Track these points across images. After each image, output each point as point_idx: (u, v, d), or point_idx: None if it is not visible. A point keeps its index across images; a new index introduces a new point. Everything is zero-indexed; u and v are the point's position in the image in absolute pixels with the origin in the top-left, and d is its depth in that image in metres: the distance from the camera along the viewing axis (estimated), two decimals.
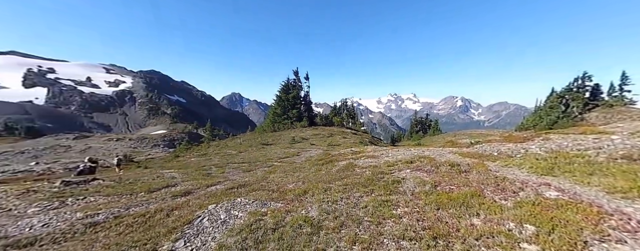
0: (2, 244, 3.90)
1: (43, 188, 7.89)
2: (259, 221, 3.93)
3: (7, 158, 32.97)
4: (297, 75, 35.17)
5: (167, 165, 16.34)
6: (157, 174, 10.12)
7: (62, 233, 4.15)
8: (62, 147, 42.07)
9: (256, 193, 5.64)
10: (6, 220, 5.20)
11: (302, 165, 9.67)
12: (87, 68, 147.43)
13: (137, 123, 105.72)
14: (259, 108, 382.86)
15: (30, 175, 23.51)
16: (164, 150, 44.60)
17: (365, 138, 26.39)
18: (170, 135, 59.34)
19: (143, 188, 7.08)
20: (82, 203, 5.98)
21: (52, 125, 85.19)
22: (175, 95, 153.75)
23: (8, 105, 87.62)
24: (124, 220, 4.61)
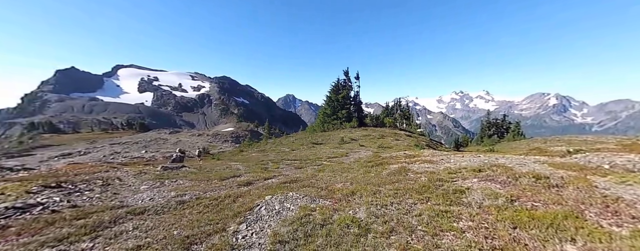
0: (125, 210, 5.28)
1: (150, 171, 10.31)
2: (308, 215, 4.13)
3: (128, 147, 44.43)
4: (347, 75, 35.13)
5: (234, 158, 18.83)
6: (227, 165, 11.82)
7: (161, 207, 5.33)
8: (162, 139, 53.82)
9: (306, 190, 5.92)
10: (127, 193, 7.02)
11: (351, 165, 9.61)
12: (178, 76, 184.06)
13: (212, 122, 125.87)
14: (310, 109, 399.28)
15: (141, 160, 31.01)
16: (232, 145, 51.66)
17: (422, 141, 24.19)
18: (236, 133, 68.37)
19: (216, 176, 8.40)
20: (174, 184, 7.54)
21: (155, 122, 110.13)
22: (241, 98, 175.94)
23: (128, 106, 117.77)
24: (202, 202, 5.58)
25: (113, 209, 5.23)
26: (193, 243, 3.68)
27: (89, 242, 3.82)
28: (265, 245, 3.38)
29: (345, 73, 34.98)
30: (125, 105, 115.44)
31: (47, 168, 14.07)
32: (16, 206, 5.29)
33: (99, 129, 73.93)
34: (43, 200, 5.76)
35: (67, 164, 14.38)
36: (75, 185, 7.09)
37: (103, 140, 50.25)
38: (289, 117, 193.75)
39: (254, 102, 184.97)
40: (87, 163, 15.74)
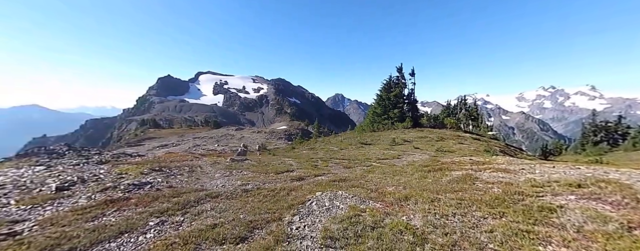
0: (204, 193, 6.36)
1: (222, 161, 12.11)
2: (358, 216, 4.10)
3: (205, 141, 53.31)
4: (400, 71, 32.91)
5: (287, 154, 20.25)
6: (281, 161, 12.82)
7: (230, 193, 6.21)
8: (229, 135, 62.30)
9: (355, 190, 5.89)
10: (206, 179, 8.42)
11: (404, 169, 9.02)
12: (243, 79, 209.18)
13: (269, 120, 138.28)
14: (359, 108, 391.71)
15: (214, 152, 36.72)
16: (285, 142, 55.66)
17: (494, 146, 20.62)
18: (289, 131, 73.24)
19: (273, 170, 9.23)
20: (240, 175, 8.67)
21: (225, 120, 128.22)
22: (293, 98, 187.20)
23: (206, 106, 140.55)
24: (262, 192, 6.24)
25: (196, 191, 6.40)
26: (255, 227, 4.17)
27: (180, 216, 4.80)
28: (316, 239, 3.54)
29: (399, 70, 32.85)
30: (204, 106, 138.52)
31: (152, 155, 18.32)
32: (134, 183, 7.08)
33: (186, 126, 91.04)
34: (150, 180, 7.53)
35: (165, 153, 18.28)
36: (171, 170, 8.98)
37: (188, 134, 61.58)
38: (337, 116, 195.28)
39: (305, 101, 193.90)
40: (177, 153, 19.66)
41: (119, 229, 4.14)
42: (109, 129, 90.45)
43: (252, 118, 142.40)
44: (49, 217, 4.80)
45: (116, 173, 8.05)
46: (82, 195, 6.05)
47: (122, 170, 8.46)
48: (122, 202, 5.44)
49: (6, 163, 10.33)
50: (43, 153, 10.92)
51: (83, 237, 3.88)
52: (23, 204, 5.53)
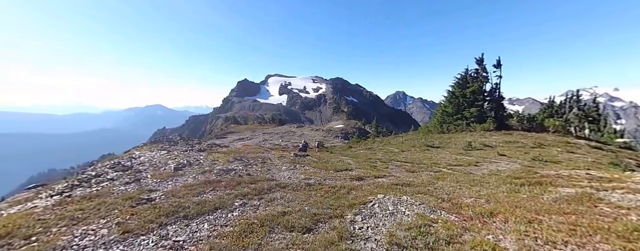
0: (275, 183, 7.15)
1: (287, 156, 13.31)
2: (428, 226, 3.77)
3: (271, 136, 59.75)
4: (480, 63, 27.84)
5: (344, 153, 20.43)
6: (339, 159, 13.06)
7: (296, 185, 6.77)
8: (291, 132, 67.62)
9: (422, 197, 5.41)
10: (275, 170, 9.43)
11: (485, 178, 7.66)
12: (304, 80, 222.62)
13: (326, 118, 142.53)
14: (424, 107, 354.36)
15: (279, 146, 40.70)
16: (341, 141, 56.23)
17: (627, 157, 14.96)
18: (345, 129, 73.58)
19: (332, 168, 9.52)
20: (302, 169, 9.34)
21: (288, 118, 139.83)
22: (350, 96, 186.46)
23: (272, 106, 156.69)
24: (323, 187, 6.54)
25: (268, 181, 7.28)
26: (319, 220, 4.43)
27: (257, 200, 5.57)
28: (381, 243, 3.46)
29: (478, 61, 27.88)
30: (271, 105, 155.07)
31: (234, 147, 21.93)
32: (223, 169, 8.62)
33: (257, 122, 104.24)
34: (234, 167, 9.01)
35: (242, 145, 21.46)
36: (248, 160, 10.50)
37: (258, 130, 70.24)
38: (397, 115, 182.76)
39: (362, 100, 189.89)
40: (251, 145, 22.77)
41: (214, 205, 5.16)
42: (204, 124, 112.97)
43: (311, 117, 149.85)
44: (170, 190, 6.44)
45: (211, 160, 10.02)
46: (189, 175, 7.83)
47: (214, 158, 10.46)
48: (216, 184, 6.74)
49: (144, 147, 14.39)
50: (165, 141, 14.66)
51: (192, 208, 5.03)
52: (154, 178, 7.60)
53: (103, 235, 3.93)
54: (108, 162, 9.45)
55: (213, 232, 4.12)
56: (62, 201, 5.65)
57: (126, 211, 4.87)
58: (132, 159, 9.68)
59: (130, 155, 10.58)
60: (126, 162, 9.19)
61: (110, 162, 9.34)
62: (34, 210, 5.41)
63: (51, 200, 5.89)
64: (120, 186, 6.66)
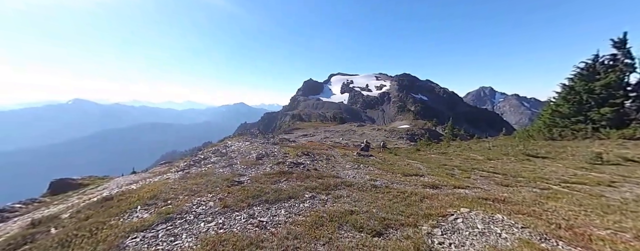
0: (340, 181, 7.27)
1: (349, 154, 13.34)
2: None
3: (332, 134, 61.22)
4: (622, 46, 19.87)
5: (411, 156, 18.77)
6: (406, 162, 12.09)
7: (361, 185, 6.69)
8: (352, 131, 67.35)
9: (526, 219, 4.34)
10: (339, 168, 9.60)
11: (629, 206, 5.46)
12: (366, 78, 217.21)
13: (389, 118, 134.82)
14: (521, 105, 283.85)
15: (339, 144, 41.28)
16: (406, 143, 51.94)
17: None
18: (412, 130, 67.47)
19: (399, 171, 8.91)
20: (366, 170, 9.14)
21: (348, 116, 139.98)
22: (419, 94, 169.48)
23: (334, 104, 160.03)
24: (391, 191, 6.20)
25: (334, 178, 7.49)
26: (389, 226, 4.21)
27: (325, 196, 5.81)
28: None
29: (618, 44, 20.00)
30: (332, 103, 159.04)
31: (301, 142, 23.75)
32: (294, 162, 9.42)
33: (319, 120, 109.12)
34: (302, 161, 9.71)
35: (308, 141, 22.90)
36: (314, 156, 11.11)
37: (320, 127, 73.25)
38: (481, 115, 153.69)
39: (434, 98, 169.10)
40: (315, 142, 24.01)
41: (288, 194, 5.70)
42: (275, 120, 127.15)
43: (373, 116, 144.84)
44: (253, 176, 7.52)
45: (283, 153, 11.15)
46: (267, 164, 8.94)
47: (286, 151, 11.58)
48: (288, 175, 7.44)
49: (233, 138, 17.37)
50: (248, 134, 17.28)
51: (271, 194, 5.71)
52: (242, 164, 9.04)
53: (210, 207, 4.97)
54: (210, 149, 11.91)
55: (289, 218, 4.55)
56: (184, 176, 7.48)
57: (224, 190, 6.00)
58: (226, 147, 11.85)
59: (225, 144, 12.98)
60: (222, 149, 11.33)
61: (211, 149, 11.74)
62: (168, 180, 7.38)
63: (177, 175, 7.89)
64: (219, 168, 8.27)
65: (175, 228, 4.04)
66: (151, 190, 6.15)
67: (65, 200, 9.84)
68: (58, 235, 3.92)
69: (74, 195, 10.63)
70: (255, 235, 3.82)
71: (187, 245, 3.55)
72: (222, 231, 3.99)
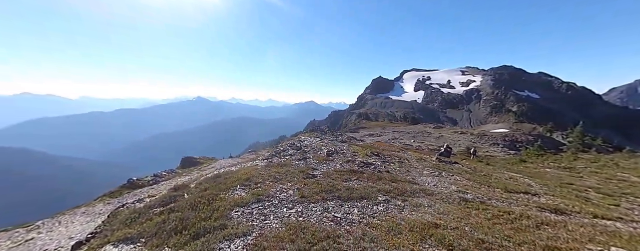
0: (418, 187, 6.53)
1: (427, 159, 11.90)
2: None
3: (402, 135, 56.51)
4: None
5: (512, 168, 14.99)
6: (507, 175, 9.69)
7: (446, 196, 5.79)
8: (426, 132, 60.12)
9: None
10: (415, 173, 8.68)
11: None
12: (448, 73, 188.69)
13: (478, 120, 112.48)
14: None
15: (410, 147, 37.61)
16: (503, 151, 41.92)
17: None
18: (512, 136, 53.83)
19: (498, 185, 7.21)
20: (451, 179, 7.87)
21: (422, 116, 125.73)
22: (525, 91, 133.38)
23: (405, 103, 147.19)
24: (488, 209, 5.07)
25: (410, 183, 6.83)
26: (490, 249, 3.43)
27: (400, 201, 5.35)
28: None
29: None
30: (404, 102, 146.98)
31: (367, 142, 23.14)
32: (363, 162, 9.21)
33: (387, 120, 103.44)
34: (372, 162, 9.36)
35: (375, 141, 22.05)
36: (385, 157, 10.53)
37: (388, 127, 69.22)
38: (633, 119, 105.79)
39: (550, 95, 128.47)
40: (383, 143, 22.81)
41: (360, 194, 5.58)
42: (341, 118, 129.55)
43: (454, 116, 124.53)
44: (325, 171, 7.80)
45: (352, 151, 11.12)
46: (337, 161, 9.12)
47: (354, 150, 11.50)
48: (359, 174, 7.32)
49: (305, 134, 18.70)
50: (318, 131, 18.24)
51: (343, 191, 5.74)
52: (315, 159, 9.56)
53: (291, 194, 5.48)
54: (287, 142, 13.25)
55: (362, 219, 4.44)
56: (268, 164, 8.59)
57: (301, 181, 6.49)
58: (300, 142, 12.88)
59: (299, 139, 14.15)
60: (297, 144, 12.38)
61: (288, 142, 13.04)
62: (257, 167, 8.66)
63: (263, 163, 9.15)
64: (295, 161, 9.05)
65: (265, 209, 4.65)
66: (246, 173, 7.37)
67: (190, 172, 13.21)
68: (188, 200, 5.25)
69: (194, 170, 14.15)
70: (331, 229, 3.92)
71: (274, 226, 4.01)
72: (302, 219, 4.29)
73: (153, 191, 10.10)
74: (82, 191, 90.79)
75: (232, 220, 4.16)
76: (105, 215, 6.89)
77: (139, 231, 4.01)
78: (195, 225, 3.94)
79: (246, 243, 3.50)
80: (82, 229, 7.77)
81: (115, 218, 5.17)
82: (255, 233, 3.81)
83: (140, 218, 4.71)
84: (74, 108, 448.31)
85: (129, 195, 12.33)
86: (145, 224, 4.24)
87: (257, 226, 4.01)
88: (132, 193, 12.64)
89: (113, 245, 3.81)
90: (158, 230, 3.93)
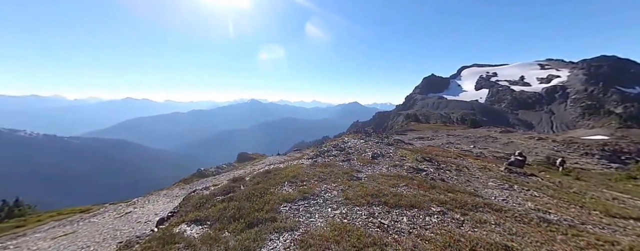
0: (482, 201, 5.69)
1: (493, 168, 10.27)
2: None
3: (459, 140, 50.02)
4: None
5: (616, 186, 11.63)
6: (611, 195, 7.55)
7: (519, 215, 4.87)
8: (491, 137, 51.94)
9: None
10: (477, 184, 7.58)
11: None
12: (521, 68, 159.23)
13: (563, 124, 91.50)
14: None
15: (469, 154, 33.01)
16: (601, 163, 32.94)
17: None
18: (614, 144, 41.76)
19: (597, 207, 5.69)
20: (527, 194, 6.58)
21: (485, 118, 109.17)
22: (635, 87, 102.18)
23: (463, 103, 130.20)
24: (581, 235, 4.05)
25: (471, 195, 6.00)
26: None
27: (460, 215, 4.75)
28: None
29: None
30: (462, 102, 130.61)
31: (416, 146, 21.39)
32: (413, 167, 8.54)
33: (440, 122, 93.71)
34: (424, 168, 8.60)
35: (427, 146, 20.23)
36: (438, 164, 9.54)
37: (442, 130, 62.66)
38: None
39: None
40: (436, 147, 20.72)
41: (410, 202, 5.18)
42: (386, 120, 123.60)
43: (529, 119, 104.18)
44: (370, 174, 7.56)
45: (399, 155, 10.47)
46: (383, 165, 8.72)
47: (402, 154, 10.80)
48: (408, 180, 6.82)
49: (349, 135, 18.52)
50: (362, 132, 17.82)
51: (389, 197, 5.44)
52: (359, 161, 9.37)
53: (335, 195, 5.50)
54: (331, 143, 13.39)
55: (413, 229, 4.11)
56: (313, 163, 8.84)
57: (345, 183, 6.46)
58: (344, 143, 12.84)
59: (343, 140, 14.13)
60: (341, 144, 12.38)
61: (332, 143, 13.16)
62: (302, 165, 9.00)
63: (308, 162, 9.46)
64: (339, 162, 9.07)
65: (310, 207, 4.79)
66: (292, 170, 7.75)
67: (244, 166, 14.67)
68: (244, 191, 5.83)
69: (248, 164, 15.65)
70: (377, 236, 3.76)
71: (320, 224, 4.09)
72: (346, 221, 4.25)
73: (216, 181, 11.62)
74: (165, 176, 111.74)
75: (280, 214, 4.43)
76: (180, 198, 8.27)
77: (205, 215, 4.66)
78: (250, 215, 4.34)
79: (293, 238, 3.67)
80: (164, 208, 9.51)
81: (188, 201, 6.13)
82: (301, 229, 3.95)
83: (207, 204, 5.47)
84: (160, 109, 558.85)
85: (198, 182, 14.51)
86: (210, 209, 4.89)
87: (303, 223, 4.16)
88: (200, 181, 14.84)
89: (187, 224, 4.52)
90: (220, 216, 4.48)
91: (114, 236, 6.59)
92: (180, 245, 3.68)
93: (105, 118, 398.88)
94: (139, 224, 7.61)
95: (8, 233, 11.34)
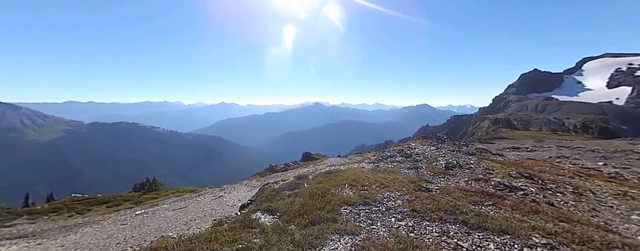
0: (618, 239, 4.04)
1: (636, 196, 7.15)
2: None
3: (579, 154, 37.07)
4: None
5: None
6: None
7: None
8: (635, 152, 36.42)
9: None
10: (611, 215, 5.46)
11: None
12: None
13: None
14: None
15: (598, 174, 23.97)
16: None
17: None
18: None
19: None
20: None
21: (627, 127, 77.31)
22: None
23: (587, 106, 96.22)
24: None
25: (598, 229, 4.37)
26: None
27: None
28: None
29: None
30: (584, 105, 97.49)
31: (511, 158, 17.22)
32: (504, 184, 6.92)
33: (548, 129, 72.63)
34: (521, 186, 6.84)
35: (525, 158, 16.07)
36: (544, 182, 7.39)
37: (550, 140, 48.41)
38: None
39: None
40: (540, 161, 16.12)
41: (500, 226, 4.21)
42: (465, 125, 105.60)
43: None
44: (444, 186, 6.60)
45: (484, 168, 8.72)
46: (461, 177, 7.46)
47: (488, 166, 8.95)
48: (497, 199, 5.58)
49: (416, 140, 16.81)
50: (433, 138, 15.84)
51: (470, 217, 4.58)
52: (428, 170, 8.35)
53: (399, 205, 5.09)
54: (395, 148, 12.52)
55: None
56: (375, 168, 8.50)
57: (411, 192, 5.88)
58: (410, 149, 11.76)
59: (409, 145, 12.98)
60: (407, 150, 11.40)
61: (396, 148, 12.28)
62: (363, 169, 8.79)
63: (369, 166, 9.16)
64: (404, 169, 8.36)
65: (372, 214, 4.61)
66: (353, 174, 7.68)
67: (308, 166, 15.58)
68: (307, 189, 6.18)
69: (311, 164, 16.53)
70: None
71: (382, 234, 3.87)
72: (413, 235, 3.86)
73: (284, 177, 12.82)
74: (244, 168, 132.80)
75: (341, 216, 4.45)
76: (257, 189, 9.54)
77: (276, 207, 5.20)
78: (312, 212, 4.55)
79: (354, 243, 3.61)
80: (245, 195, 11.20)
81: (262, 192, 7.01)
82: (362, 235, 3.84)
83: (277, 196, 6.10)
84: (243, 112, 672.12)
85: (269, 176, 16.42)
86: (280, 202, 5.43)
87: (364, 229, 4.04)
88: (272, 175, 16.73)
89: (261, 212, 5.17)
90: (287, 209, 4.91)
91: (211, 214, 8.24)
92: (256, 230, 4.23)
93: (207, 119, 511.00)
94: (228, 207, 9.24)
95: (148, 202, 16.09)
